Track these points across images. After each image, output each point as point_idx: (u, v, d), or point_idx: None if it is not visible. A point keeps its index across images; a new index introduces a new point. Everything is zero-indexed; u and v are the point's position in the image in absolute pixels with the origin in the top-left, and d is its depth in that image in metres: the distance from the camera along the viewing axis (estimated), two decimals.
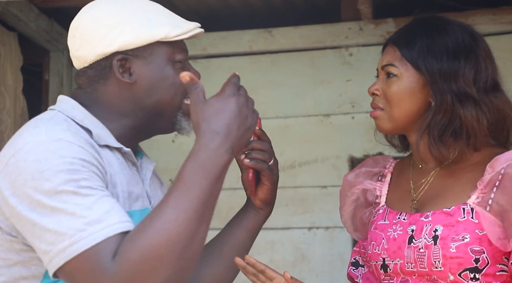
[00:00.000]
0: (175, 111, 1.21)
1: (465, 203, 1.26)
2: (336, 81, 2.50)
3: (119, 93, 1.17)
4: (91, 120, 1.15)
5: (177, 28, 1.19)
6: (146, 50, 1.16)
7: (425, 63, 1.30)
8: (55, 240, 1.00)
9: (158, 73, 1.17)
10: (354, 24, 2.47)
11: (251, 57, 2.57)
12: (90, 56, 1.17)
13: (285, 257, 2.48)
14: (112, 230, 1.00)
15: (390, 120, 1.32)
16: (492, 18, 2.34)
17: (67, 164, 1.02)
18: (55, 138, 1.05)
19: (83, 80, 1.19)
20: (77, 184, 1.02)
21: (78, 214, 1.00)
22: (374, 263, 1.34)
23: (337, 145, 2.47)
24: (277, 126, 2.53)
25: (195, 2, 2.50)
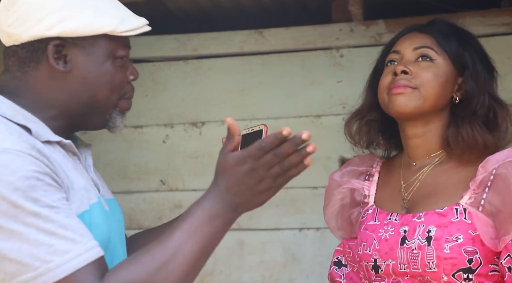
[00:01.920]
0: (109, 109, 1.14)
1: (458, 204, 1.27)
2: (327, 82, 2.50)
3: (51, 81, 1.09)
4: (24, 114, 1.07)
5: (126, 24, 1.12)
6: (87, 40, 1.09)
7: (470, 59, 1.36)
8: (17, 271, 0.94)
9: (96, 67, 1.10)
10: (345, 25, 2.48)
11: (242, 58, 2.57)
12: (24, 36, 1.08)
13: (275, 257, 2.48)
14: (82, 260, 0.96)
15: (418, 100, 1.32)
16: (482, 20, 2.36)
17: (23, 179, 0.96)
18: (1, 149, 0.98)
19: (12, 62, 1.10)
20: (36, 203, 0.95)
21: (41, 241, 0.94)
22: (365, 264, 1.34)
23: (328, 145, 2.47)
24: (268, 127, 2.52)
25: (186, 3, 2.50)
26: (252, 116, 2.55)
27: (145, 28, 1.17)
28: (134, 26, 1.14)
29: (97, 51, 1.10)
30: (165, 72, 2.59)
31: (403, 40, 1.39)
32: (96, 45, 1.10)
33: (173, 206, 2.58)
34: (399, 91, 1.32)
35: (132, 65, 1.19)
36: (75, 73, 1.10)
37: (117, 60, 1.13)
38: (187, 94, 2.56)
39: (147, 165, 2.59)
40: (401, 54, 1.37)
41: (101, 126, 1.17)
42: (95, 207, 1.09)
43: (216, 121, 2.56)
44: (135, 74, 1.18)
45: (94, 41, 1.10)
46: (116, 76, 1.13)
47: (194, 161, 2.56)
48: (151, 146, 2.58)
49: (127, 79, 1.17)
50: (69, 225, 0.98)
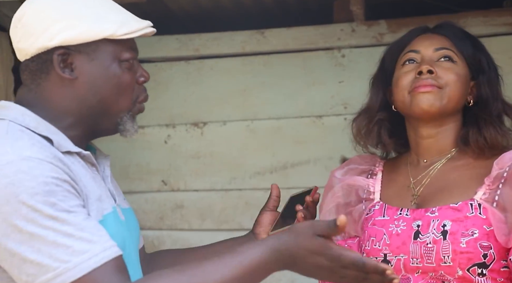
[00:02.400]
0: (120, 113, 1.16)
1: (472, 199, 1.28)
2: (328, 82, 2.50)
3: (61, 89, 1.12)
4: (46, 126, 1.10)
5: (125, 27, 1.14)
6: (90, 46, 1.12)
7: (487, 62, 1.39)
8: (37, 272, 0.96)
9: (102, 71, 1.13)
10: (346, 25, 2.48)
11: (243, 58, 2.57)
12: (31, 49, 1.12)
13: None
14: (99, 259, 0.97)
15: (444, 100, 1.33)
16: (483, 20, 2.36)
17: (42, 185, 0.99)
18: (23, 157, 1.01)
19: (26, 75, 1.15)
20: (54, 207, 0.98)
21: (59, 242, 0.97)
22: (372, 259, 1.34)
23: (329, 146, 2.47)
24: (270, 127, 2.53)
25: (187, 3, 2.50)
26: (253, 117, 2.55)
27: (147, 30, 1.18)
28: (134, 29, 1.15)
29: (101, 56, 1.13)
30: (166, 72, 2.60)
31: (421, 40, 1.39)
32: (99, 50, 1.13)
33: (174, 206, 2.58)
34: (427, 89, 1.32)
35: (142, 68, 1.20)
36: (82, 79, 1.13)
37: (123, 63, 1.15)
38: (188, 94, 2.57)
39: (149, 165, 2.59)
40: (421, 54, 1.37)
41: (113, 131, 1.19)
42: (109, 217, 1.11)
43: (217, 122, 2.57)
44: (145, 76, 1.20)
45: (97, 46, 1.12)
46: (123, 79, 1.15)
47: (195, 161, 2.56)
48: (152, 146, 2.58)
49: (136, 81, 1.19)
50: (86, 227, 1.00)
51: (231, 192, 2.53)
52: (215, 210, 2.54)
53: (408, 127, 1.41)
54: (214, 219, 2.53)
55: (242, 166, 2.51)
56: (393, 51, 1.44)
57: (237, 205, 2.50)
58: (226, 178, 2.53)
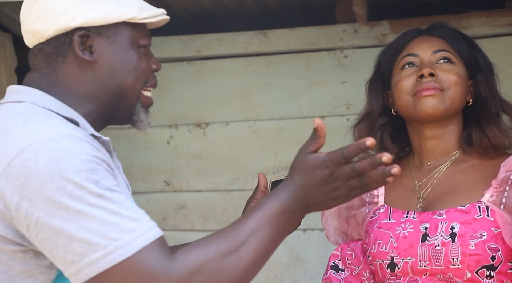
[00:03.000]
0: (134, 100, 1.15)
1: (480, 201, 1.28)
2: (331, 83, 2.50)
3: (80, 73, 1.10)
4: (66, 109, 1.08)
5: (145, 11, 1.14)
6: (110, 29, 1.11)
7: (484, 61, 1.38)
8: (86, 251, 0.94)
9: (121, 55, 1.12)
10: (349, 26, 2.48)
11: (246, 59, 2.57)
12: (49, 31, 1.09)
13: (280, 258, 2.48)
14: (146, 238, 0.97)
15: (447, 102, 1.33)
16: (486, 21, 2.35)
17: (85, 162, 0.97)
18: (62, 134, 0.99)
19: (39, 60, 1.12)
20: (99, 185, 0.97)
21: (107, 220, 0.95)
22: (379, 262, 1.33)
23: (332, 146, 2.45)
24: (272, 128, 2.53)
25: (190, 3, 2.50)
26: (256, 117, 2.55)
27: (163, 17, 1.19)
28: (154, 13, 1.16)
29: (121, 40, 1.12)
30: (169, 73, 2.60)
31: (418, 43, 1.38)
32: (119, 34, 1.12)
33: (177, 207, 2.58)
34: (430, 93, 1.32)
35: (154, 57, 1.21)
36: (102, 62, 1.11)
37: (141, 48, 1.15)
38: (191, 95, 2.57)
39: (151, 165, 2.59)
40: (420, 57, 1.36)
41: (127, 119, 1.18)
42: None
43: (220, 122, 2.57)
44: (158, 65, 1.21)
45: (117, 29, 1.11)
46: (142, 64, 1.14)
47: (198, 161, 2.56)
48: (155, 147, 2.58)
49: (150, 68, 1.19)
50: (129, 206, 0.99)
51: (233, 193, 2.53)
52: (218, 211, 2.54)
53: (411, 130, 1.41)
54: (217, 219, 2.53)
55: (244, 167, 2.51)
56: (388, 55, 1.43)
57: (239, 206, 2.49)
58: (228, 178, 2.53)
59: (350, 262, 1.44)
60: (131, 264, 0.95)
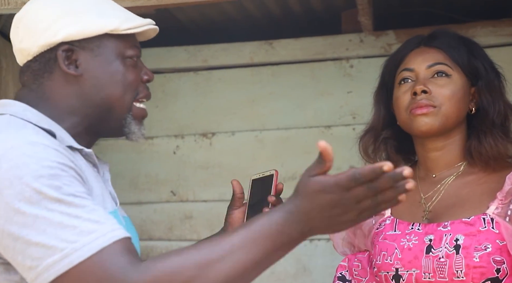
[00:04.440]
0: (124, 112, 1.14)
1: (485, 213, 1.27)
2: (337, 93, 2.50)
3: (65, 87, 1.10)
4: (47, 122, 1.08)
5: (129, 22, 1.13)
6: (93, 42, 1.11)
7: (484, 68, 1.36)
8: (43, 255, 0.93)
9: (106, 67, 1.11)
10: (354, 36, 2.48)
11: (252, 69, 2.58)
12: (34, 48, 1.11)
13: (286, 268, 2.47)
14: (107, 239, 0.94)
15: (442, 119, 1.32)
16: (493, 30, 2.35)
17: (47, 169, 0.96)
18: (28, 141, 0.99)
19: (27, 76, 1.13)
20: (60, 191, 0.95)
21: (65, 223, 0.93)
22: (384, 274, 1.32)
23: (338, 156, 2.45)
24: (278, 137, 2.53)
25: (196, 14, 2.51)
26: (262, 127, 2.55)
27: (149, 26, 1.17)
28: (138, 24, 1.14)
29: (105, 52, 1.11)
30: (175, 83, 2.61)
31: (414, 57, 1.37)
32: (103, 46, 1.11)
33: (183, 217, 2.58)
34: (423, 111, 1.31)
35: (146, 67, 1.19)
36: (87, 75, 1.11)
37: (127, 60, 1.14)
38: (197, 105, 2.57)
39: (158, 175, 2.59)
40: (416, 72, 1.35)
41: (118, 132, 1.17)
42: (112, 215, 1.07)
43: (226, 132, 2.57)
44: (149, 75, 1.19)
45: (101, 42, 1.11)
46: (128, 75, 1.13)
47: (204, 171, 2.56)
48: (161, 157, 2.58)
49: (141, 79, 1.18)
50: (94, 210, 0.96)
51: None
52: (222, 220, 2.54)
53: (415, 142, 1.41)
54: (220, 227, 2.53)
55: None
56: (390, 67, 1.43)
57: None
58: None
59: (357, 273, 1.43)
60: (89, 266, 0.92)
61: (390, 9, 2.44)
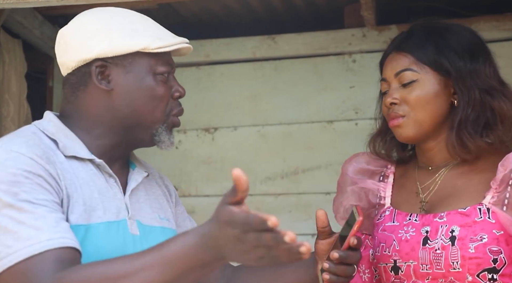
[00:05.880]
0: (155, 124, 1.19)
1: (481, 203, 1.27)
2: (339, 87, 2.50)
3: (97, 100, 1.17)
4: (64, 132, 1.16)
5: (159, 41, 1.18)
6: (126, 59, 1.17)
7: (449, 62, 1.31)
8: None
9: (137, 83, 1.17)
10: (357, 30, 2.48)
11: (254, 63, 2.57)
12: (72, 62, 1.18)
13: None
14: (40, 247, 0.98)
15: (415, 126, 1.31)
16: (496, 25, 2.35)
17: (10, 175, 1.03)
18: (6, 150, 1.07)
19: (67, 89, 1.21)
20: (16, 197, 1.01)
21: (8, 228, 0.99)
22: (383, 265, 1.33)
23: (340, 151, 2.46)
24: (281, 132, 2.53)
25: (198, 9, 2.51)
26: (264, 122, 2.55)
27: (181, 45, 1.22)
28: (168, 43, 1.19)
29: (137, 69, 1.17)
30: (177, 78, 2.60)
31: (386, 65, 1.37)
32: (135, 63, 1.17)
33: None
34: (394, 124, 1.32)
35: (178, 83, 1.24)
36: (118, 90, 1.17)
37: (158, 76, 1.19)
38: (199, 100, 2.57)
39: (160, 170, 2.58)
40: (388, 81, 1.36)
41: (150, 142, 1.22)
42: (99, 226, 1.11)
43: (228, 127, 2.57)
44: (181, 92, 1.24)
45: (133, 59, 1.17)
46: (157, 91, 1.18)
47: (206, 166, 2.56)
48: (163, 152, 2.55)
49: (171, 96, 1.22)
50: (42, 217, 1.00)
51: None
52: None
53: None
54: None
55: (253, 171, 2.51)
56: (380, 68, 1.43)
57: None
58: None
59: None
60: (15, 272, 0.97)
61: (393, 4, 2.43)
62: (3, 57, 2.39)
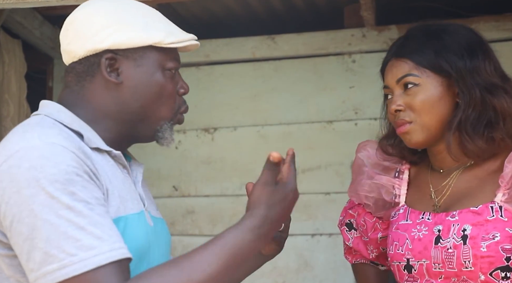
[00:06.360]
0: (161, 120, 1.18)
1: (493, 201, 1.26)
2: (339, 87, 2.50)
3: (105, 92, 1.15)
4: (79, 123, 1.12)
5: (172, 36, 1.17)
6: (137, 52, 1.15)
7: (448, 63, 1.31)
8: (43, 260, 0.97)
9: (146, 77, 1.15)
10: (357, 31, 2.48)
11: (254, 63, 2.57)
12: (80, 51, 1.15)
13: (288, 264, 2.47)
14: (104, 258, 0.97)
15: (423, 131, 1.31)
16: (495, 25, 2.35)
17: (63, 173, 0.99)
18: (47, 143, 1.02)
19: (71, 77, 1.17)
20: (72, 197, 0.99)
21: (69, 234, 0.97)
22: (396, 264, 1.32)
23: (340, 151, 2.47)
24: (280, 132, 2.53)
25: (198, 9, 2.51)
26: (264, 122, 2.55)
27: (192, 42, 1.21)
28: (181, 39, 1.18)
29: (147, 63, 1.16)
30: None
31: (387, 73, 1.36)
32: (146, 57, 1.15)
33: (185, 212, 2.58)
34: (402, 131, 1.32)
35: (183, 80, 1.23)
36: (127, 84, 1.15)
37: (167, 72, 1.18)
38: (199, 100, 2.57)
39: (160, 170, 2.60)
40: (390, 88, 1.35)
41: (151, 138, 1.21)
42: (133, 217, 1.12)
43: (228, 127, 2.57)
44: (185, 88, 1.23)
45: (144, 53, 1.15)
46: (166, 87, 1.17)
47: (206, 166, 2.56)
48: (163, 152, 2.58)
49: (177, 92, 1.22)
50: (99, 223, 1.00)
51: (241, 198, 2.53)
52: (226, 216, 2.54)
53: None
54: (225, 224, 2.53)
55: (252, 171, 2.50)
56: (381, 75, 1.42)
57: None
58: (236, 183, 2.53)
59: (362, 230, 1.46)
60: (81, 282, 0.96)
61: (392, 4, 2.44)
62: (3, 58, 2.39)
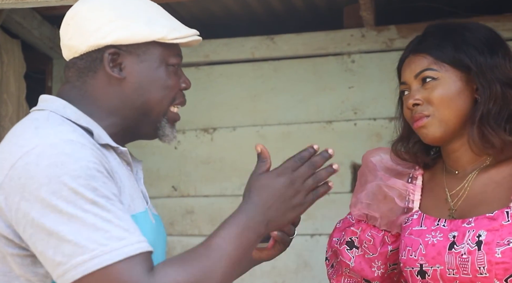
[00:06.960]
0: (160, 116, 1.18)
1: (509, 206, 1.24)
2: (338, 88, 2.50)
3: (108, 88, 1.14)
4: (86, 119, 1.12)
5: (176, 32, 1.17)
6: (140, 48, 1.14)
7: (468, 58, 1.30)
8: (73, 252, 0.97)
9: (149, 73, 1.15)
10: (356, 31, 2.48)
11: (253, 64, 2.57)
12: (82, 46, 1.14)
13: (287, 264, 2.47)
14: (134, 249, 0.98)
15: (440, 126, 1.29)
16: (495, 25, 2.34)
17: (85, 169, 1.00)
18: (66, 140, 1.02)
19: (72, 73, 1.16)
20: (95, 192, 0.99)
21: (98, 226, 0.97)
22: (409, 269, 1.31)
23: (339, 151, 2.45)
24: (280, 133, 2.53)
25: (198, 9, 2.51)
26: (263, 122, 2.55)
27: (195, 37, 1.21)
28: (184, 34, 1.18)
29: (150, 58, 1.15)
30: None
31: (404, 69, 1.35)
32: (149, 53, 1.15)
33: (185, 212, 2.58)
34: (419, 124, 1.30)
35: (184, 75, 1.23)
36: (130, 79, 1.15)
37: (170, 67, 1.17)
38: (198, 100, 2.57)
39: (159, 171, 2.60)
40: (408, 84, 1.35)
41: (153, 134, 1.21)
42: (141, 216, 1.12)
43: (227, 127, 2.57)
44: (187, 83, 1.23)
45: (147, 48, 1.15)
46: (169, 82, 1.17)
47: (205, 166, 2.56)
48: (162, 152, 2.58)
49: (179, 86, 1.22)
50: (123, 217, 1.01)
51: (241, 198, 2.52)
52: (225, 216, 2.52)
53: None
54: None
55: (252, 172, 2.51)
56: (397, 73, 1.42)
57: None
58: (236, 183, 2.53)
59: (367, 246, 1.42)
60: (114, 271, 0.97)
61: (392, 4, 2.44)
62: (2, 58, 2.39)
